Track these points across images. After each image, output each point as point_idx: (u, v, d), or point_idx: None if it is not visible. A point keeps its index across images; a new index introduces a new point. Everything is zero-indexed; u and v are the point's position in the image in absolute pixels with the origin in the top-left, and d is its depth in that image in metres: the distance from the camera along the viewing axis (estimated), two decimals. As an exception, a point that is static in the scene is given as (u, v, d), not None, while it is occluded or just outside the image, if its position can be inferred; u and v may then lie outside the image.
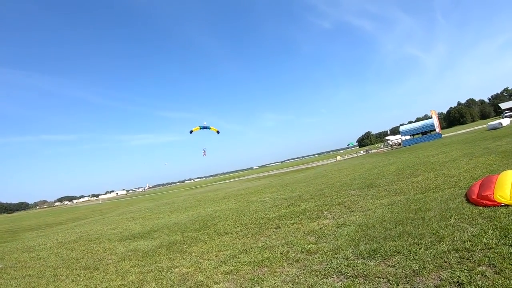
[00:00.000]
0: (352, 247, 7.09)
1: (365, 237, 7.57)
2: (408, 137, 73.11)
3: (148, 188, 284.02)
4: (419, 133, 70.78)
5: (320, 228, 9.42)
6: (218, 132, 60.92)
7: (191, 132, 61.63)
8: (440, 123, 74.62)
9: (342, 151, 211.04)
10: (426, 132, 68.46)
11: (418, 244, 6.34)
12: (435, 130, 66.46)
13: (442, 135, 63.66)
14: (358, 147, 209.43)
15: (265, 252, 8.01)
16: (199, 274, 7.30)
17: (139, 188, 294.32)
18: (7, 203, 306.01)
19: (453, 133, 70.48)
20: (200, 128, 59.53)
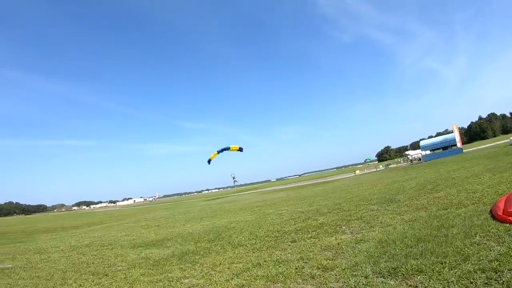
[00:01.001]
0: (371, 264, 6.71)
1: (385, 254, 7.16)
2: (428, 152, 71.85)
3: (157, 197, 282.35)
4: (439, 148, 69.46)
5: (338, 244, 9.01)
6: (240, 149, 61.88)
7: (209, 162, 62.73)
8: (461, 137, 73.06)
9: (360, 165, 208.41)
10: (447, 147, 67.16)
11: (442, 263, 5.95)
12: (456, 145, 65.16)
13: (463, 150, 62.27)
14: (377, 162, 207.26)
15: (279, 267, 7.65)
16: (209, 286, 7.00)
17: (149, 198, 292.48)
18: (25, 204, 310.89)
19: (475, 148, 69.22)
20: (218, 153, 61.76)
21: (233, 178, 66.55)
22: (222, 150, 60.72)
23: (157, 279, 8.13)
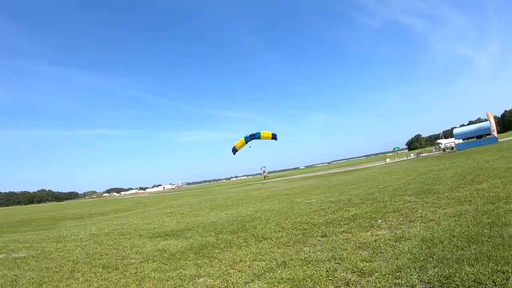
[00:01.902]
0: (418, 270, 5.62)
1: (433, 257, 6.05)
2: (460, 140, 69.17)
3: (181, 185, 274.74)
4: (473, 137, 66.72)
5: (375, 241, 7.94)
6: (274, 137, 51.95)
7: (234, 151, 54.16)
8: (496, 126, 69.81)
9: (389, 154, 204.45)
10: (481, 135, 64.39)
11: (504, 272, 4.84)
12: (490, 133, 62.24)
13: (498, 140, 59.50)
14: (407, 150, 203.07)
15: (307, 268, 6.64)
16: (226, 290, 6.08)
17: (172, 185, 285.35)
18: (58, 192, 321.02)
19: (508, 138, 65.93)
20: (247, 142, 52.41)
21: (264, 172, 62.20)
22: (251, 137, 50.92)
23: (169, 276, 7.26)
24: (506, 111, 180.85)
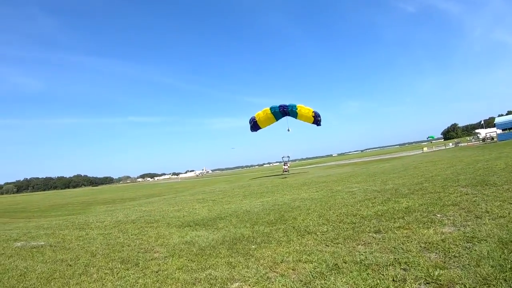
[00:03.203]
0: (509, 283, 4.39)
1: (522, 265, 4.71)
2: (500, 131, 65.59)
3: (206, 172, 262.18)
4: (516, 127, 63.21)
5: (442, 240, 6.55)
6: (316, 120, 39.88)
7: (256, 127, 42.07)
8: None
9: (424, 143, 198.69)
10: None
11: None
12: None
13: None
14: (443, 140, 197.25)
15: (367, 275, 5.31)
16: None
17: (197, 172, 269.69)
18: (93, 177, 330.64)
19: None
20: (276, 117, 40.61)
21: (285, 164, 47.97)
22: (282, 111, 39.32)
23: (196, 278, 6.05)
24: None
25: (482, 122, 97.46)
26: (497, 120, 69.72)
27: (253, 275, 5.89)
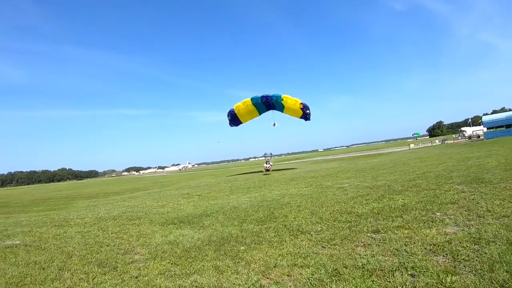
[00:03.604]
0: None
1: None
2: (485, 129, 66.23)
3: (188, 166, 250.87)
4: (502, 126, 63.65)
5: (447, 242, 6.08)
6: (305, 114, 35.17)
7: (235, 121, 38.05)
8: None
9: (409, 140, 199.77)
10: (511, 125, 61.35)
11: None
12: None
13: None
14: (428, 137, 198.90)
15: (373, 282, 4.76)
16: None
17: (179, 166, 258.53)
18: (78, 170, 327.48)
19: None
20: (259, 109, 36.57)
21: (267, 163, 41.56)
22: (265, 102, 34.83)
23: (180, 286, 5.41)
24: None
25: (469, 121, 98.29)
26: (484, 118, 70.23)
27: (243, 283, 5.27)
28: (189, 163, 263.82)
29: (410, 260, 5.41)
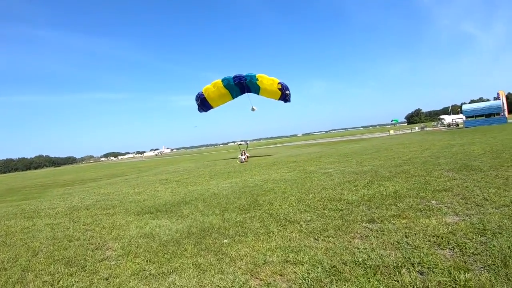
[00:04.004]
0: None
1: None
2: (463, 118, 67.07)
3: (164, 151, 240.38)
4: (482, 115, 64.46)
5: (451, 233, 5.57)
6: (283, 93, 31.02)
7: (205, 106, 33.99)
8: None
9: (388, 126, 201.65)
10: (490, 114, 62.15)
11: None
12: (499, 113, 59.97)
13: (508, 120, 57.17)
14: (406, 124, 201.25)
15: (378, 282, 4.15)
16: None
17: (155, 151, 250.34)
18: (55, 157, 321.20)
19: None
20: (231, 92, 32.52)
21: (243, 154, 33.48)
22: (237, 82, 31.16)
23: (155, 289, 4.75)
24: (509, 93, 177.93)
25: (450, 109, 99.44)
26: (465, 107, 71.17)
27: (230, 285, 4.56)
28: (165, 148, 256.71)
29: (415, 254, 4.84)
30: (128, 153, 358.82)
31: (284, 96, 32.21)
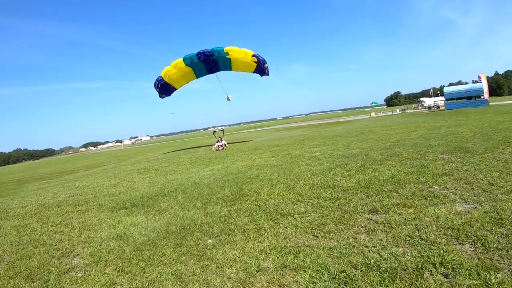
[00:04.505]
0: None
1: None
2: (444, 100, 67.24)
3: (141, 140, 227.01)
4: (463, 98, 64.59)
5: (467, 224, 4.89)
6: (259, 65, 26.83)
7: (165, 90, 30.08)
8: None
9: (368, 109, 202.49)
10: (471, 97, 62.26)
11: None
12: (480, 96, 60.14)
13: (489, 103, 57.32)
14: (386, 106, 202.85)
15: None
16: None
17: (131, 140, 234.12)
18: (33, 150, 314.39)
19: (498, 103, 63.80)
20: (196, 71, 28.37)
21: (220, 140, 29.49)
22: (206, 62, 27.22)
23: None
24: (488, 77, 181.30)
25: (431, 91, 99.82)
26: (446, 89, 70.81)
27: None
28: (142, 136, 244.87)
29: (433, 252, 4.13)
30: (107, 142, 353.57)
31: (261, 69, 27.83)
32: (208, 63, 27.47)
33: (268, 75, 28.71)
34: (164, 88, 29.43)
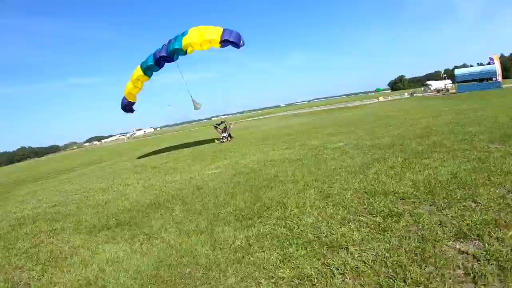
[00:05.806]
0: None
1: None
2: (450, 84, 64.81)
3: (136, 133, 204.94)
4: (475, 80, 61.98)
5: None
6: (225, 38, 19.25)
7: (128, 106, 24.85)
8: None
9: (371, 94, 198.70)
10: (483, 79, 59.62)
11: None
12: (493, 78, 57.43)
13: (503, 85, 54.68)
14: (390, 91, 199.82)
15: None
16: None
17: (127, 134, 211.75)
18: (38, 147, 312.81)
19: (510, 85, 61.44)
20: (147, 74, 22.59)
21: (226, 129, 26.18)
22: (165, 60, 21.50)
23: None
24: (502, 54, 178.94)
25: (443, 73, 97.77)
26: (457, 71, 68.06)
27: None
28: (137, 130, 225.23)
29: None
30: (111, 135, 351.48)
31: (228, 41, 19.55)
32: (166, 60, 22.15)
33: (243, 45, 20.88)
34: (127, 107, 25.12)
